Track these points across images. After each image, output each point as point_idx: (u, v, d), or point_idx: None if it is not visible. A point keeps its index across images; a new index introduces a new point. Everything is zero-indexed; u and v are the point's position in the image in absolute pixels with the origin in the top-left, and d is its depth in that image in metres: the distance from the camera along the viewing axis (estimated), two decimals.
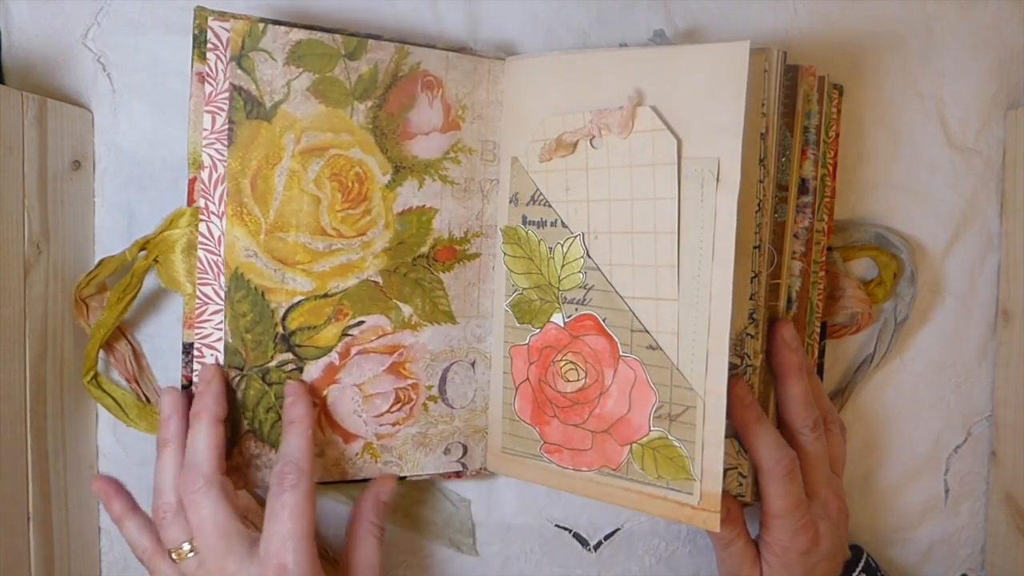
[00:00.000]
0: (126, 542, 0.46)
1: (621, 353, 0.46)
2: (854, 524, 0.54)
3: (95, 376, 0.49)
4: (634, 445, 0.46)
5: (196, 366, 0.46)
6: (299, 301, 0.47)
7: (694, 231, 0.43)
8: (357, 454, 0.49)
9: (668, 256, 0.44)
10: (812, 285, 0.50)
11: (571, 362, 0.47)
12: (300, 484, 0.43)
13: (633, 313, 0.45)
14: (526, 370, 0.49)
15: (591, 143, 0.46)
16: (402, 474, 0.50)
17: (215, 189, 0.45)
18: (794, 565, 0.47)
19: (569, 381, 0.47)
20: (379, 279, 0.48)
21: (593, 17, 0.53)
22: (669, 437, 0.44)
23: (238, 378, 0.46)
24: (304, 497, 0.43)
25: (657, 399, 0.45)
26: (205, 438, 0.43)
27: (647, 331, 0.45)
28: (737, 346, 0.46)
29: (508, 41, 0.53)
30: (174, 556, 0.43)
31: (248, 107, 0.45)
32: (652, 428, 0.45)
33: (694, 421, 0.43)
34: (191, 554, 0.43)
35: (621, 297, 0.45)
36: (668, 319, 0.44)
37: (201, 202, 0.45)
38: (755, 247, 0.45)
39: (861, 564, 0.50)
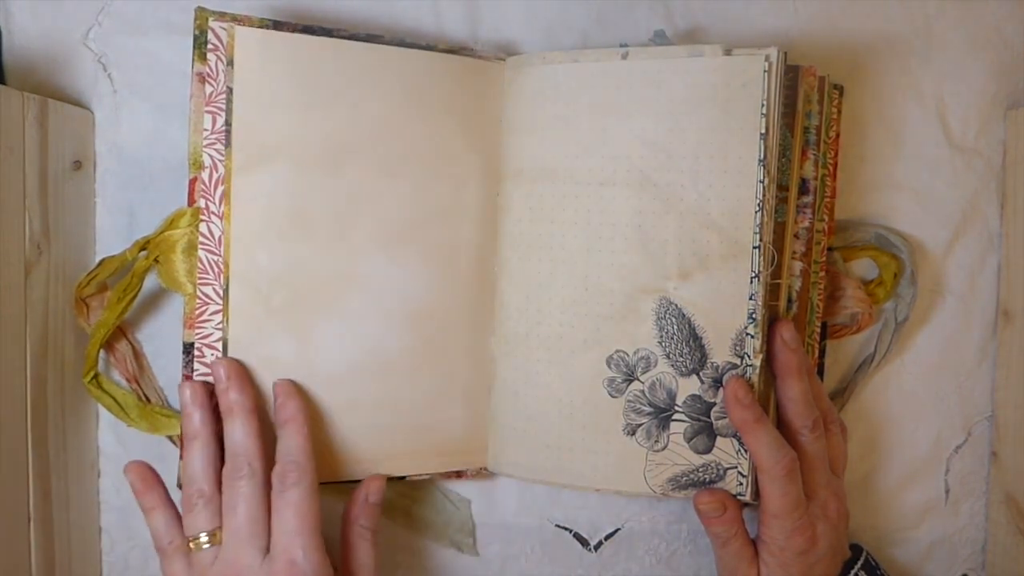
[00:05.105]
0: (150, 532, 0.45)
1: None
2: (854, 524, 0.54)
3: (95, 376, 0.49)
4: None
5: (196, 366, 0.46)
6: None
7: None
8: None
9: None
10: (812, 285, 0.50)
11: None
12: (302, 480, 0.43)
13: None
14: None
15: None
16: (402, 474, 0.50)
17: (215, 189, 0.45)
18: (791, 565, 0.47)
19: None
20: None
21: (593, 17, 0.53)
22: None
23: None
24: (307, 493, 0.43)
25: None
26: (243, 429, 0.44)
27: None
28: (737, 346, 0.46)
29: (508, 41, 0.53)
30: (192, 544, 0.43)
31: None
32: None
33: None
34: (207, 544, 0.43)
35: None
36: None
37: (202, 202, 0.45)
38: (755, 247, 0.45)
39: (860, 562, 0.50)
